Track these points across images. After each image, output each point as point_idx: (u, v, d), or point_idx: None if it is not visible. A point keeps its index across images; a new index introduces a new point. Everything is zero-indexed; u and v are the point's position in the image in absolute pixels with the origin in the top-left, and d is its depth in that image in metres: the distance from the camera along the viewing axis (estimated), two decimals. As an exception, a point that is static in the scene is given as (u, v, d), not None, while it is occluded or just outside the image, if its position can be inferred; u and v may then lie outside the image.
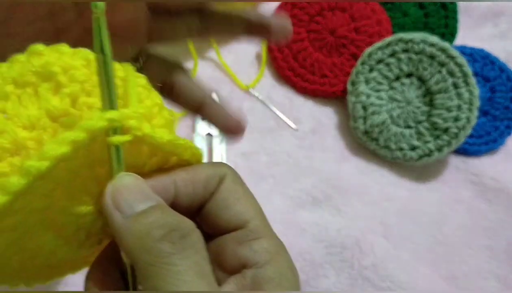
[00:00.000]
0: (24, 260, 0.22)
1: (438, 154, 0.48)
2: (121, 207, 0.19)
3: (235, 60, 0.55)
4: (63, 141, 0.18)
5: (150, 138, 0.20)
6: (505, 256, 0.47)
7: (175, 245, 0.19)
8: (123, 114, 0.19)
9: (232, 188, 0.23)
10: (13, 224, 0.19)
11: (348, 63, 0.52)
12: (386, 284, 0.45)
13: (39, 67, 0.20)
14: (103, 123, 0.19)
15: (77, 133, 0.18)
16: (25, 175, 0.18)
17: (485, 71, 0.52)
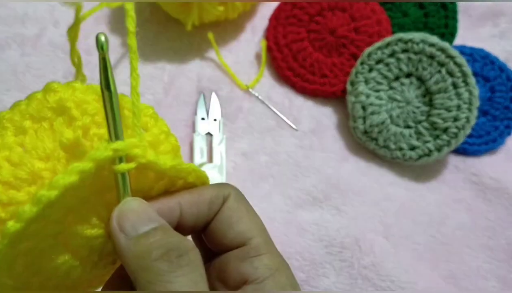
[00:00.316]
0: (43, 281, 0.24)
1: (438, 154, 0.48)
2: (125, 229, 0.21)
3: (235, 60, 0.55)
4: (71, 171, 0.20)
5: (154, 165, 0.22)
6: (505, 255, 0.47)
7: (172, 263, 0.20)
8: (127, 144, 0.21)
9: (235, 207, 0.25)
10: (28, 248, 0.21)
11: (348, 63, 0.52)
12: (385, 283, 0.45)
13: (54, 103, 0.23)
14: (108, 154, 0.20)
15: (84, 163, 0.20)
16: (36, 203, 0.19)
17: (484, 71, 0.52)
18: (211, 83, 0.53)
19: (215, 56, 0.55)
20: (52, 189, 0.19)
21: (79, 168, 0.20)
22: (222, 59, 0.54)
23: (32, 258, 0.22)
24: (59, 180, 0.19)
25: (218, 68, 0.55)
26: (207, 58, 0.55)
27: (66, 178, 0.19)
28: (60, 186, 0.19)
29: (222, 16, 0.53)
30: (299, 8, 0.53)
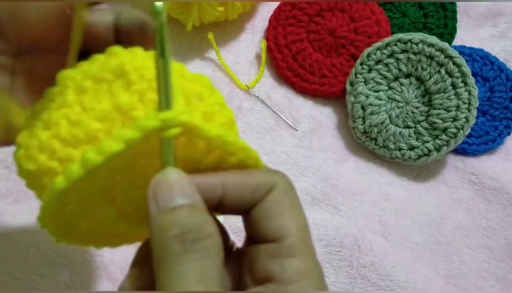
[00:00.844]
0: (91, 226, 0.24)
1: (437, 154, 0.48)
2: (157, 200, 0.21)
3: (235, 60, 0.55)
4: (119, 139, 0.20)
5: (199, 131, 0.21)
6: (504, 255, 0.47)
7: (185, 246, 0.19)
8: (176, 114, 0.21)
9: (279, 199, 0.23)
10: (76, 199, 0.22)
11: (347, 63, 0.52)
12: (385, 283, 0.45)
13: (114, 66, 0.23)
14: (156, 123, 0.20)
15: (131, 132, 0.20)
16: (83, 165, 0.20)
17: (484, 71, 0.52)
18: (211, 84, 0.53)
19: (215, 57, 0.55)
20: (99, 154, 0.20)
21: (126, 136, 0.20)
22: (222, 59, 0.54)
23: (79, 207, 0.23)
24: (106, 146, 0.20)
25: (218, 69, 0.55)
26: (207, 59, 0.55)
27: (113, 146, 0.20)
28: (106, 152, 0.20)
29: (222, 17, 0.53)
30: (298, 8, 0.54)
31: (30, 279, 0.44)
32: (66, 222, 0.24)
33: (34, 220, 0.48)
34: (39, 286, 0.44)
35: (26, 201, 0.47)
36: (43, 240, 0.46)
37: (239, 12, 0.54)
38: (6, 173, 0.49)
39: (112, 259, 0.45)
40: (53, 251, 0.46)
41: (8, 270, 0.45)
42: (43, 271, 0.45)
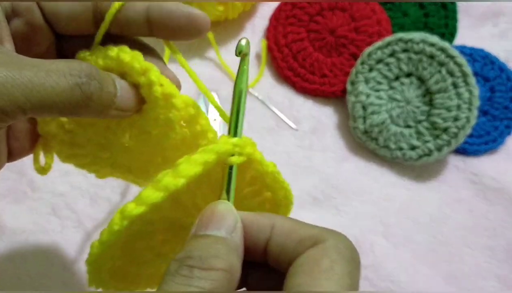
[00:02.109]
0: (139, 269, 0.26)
1: (438, 154, 0.48)
2: (197, 225, 0.22)
3: (235, 60, 0.55)
4: (196, 162, 0.21)
5: (259, 165, 0.23)
6: (505, 255, 0.47)
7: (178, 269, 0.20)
8: (244, 141, 0.23)
9: (318, 256, 0.20)
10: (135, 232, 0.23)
11: (348, 63, 0.52)
12: (385, 283, 0.45)
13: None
14: (228, 147, 0.22)
15: (208, 155, 0.21)
16: (163, 189, 0.21)
17: (484, 71, 0.52)
18: (211, 83, 0.53)
19: (215, 56, 0.55)
20: (179, 177, 0.21)
21: (203, 158, 0.21)
22: (222, 59, 0.54)
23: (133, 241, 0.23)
24: (185, 169, 0.21)
25: (218, 68, 0.55)
26: (207, 58, 0.55)
27: (192, 168, 0.21)
28: (186, 175, 0.21)
29: (222, 16, 0.53)
30: (299, 8, 0.54)
31: (29, 279, 0.44)
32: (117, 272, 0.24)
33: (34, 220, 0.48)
34: (39, 286, 0.44)
35: (26, 201, 0.47)
36: (42, 240, 0.46)
37: (239, 12, 0.54)
38: (5, 173, 0.48)
39: (112, 259, 0.45)
40: (53, 251, 0.45)
41: (8, 270, 0.44)
42: (43, 271, 0.45)
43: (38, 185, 0.48)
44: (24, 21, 0.26)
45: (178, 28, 0.26)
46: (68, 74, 0.22)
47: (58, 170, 0.48)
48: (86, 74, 0.22)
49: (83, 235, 0.46)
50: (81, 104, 0.22)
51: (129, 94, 0.25)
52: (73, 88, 0.22)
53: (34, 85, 0.21)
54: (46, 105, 0.21)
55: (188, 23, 0.25)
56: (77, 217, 0.47)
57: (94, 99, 0.23)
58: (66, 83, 0.22)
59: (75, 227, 0.46)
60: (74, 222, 0.47)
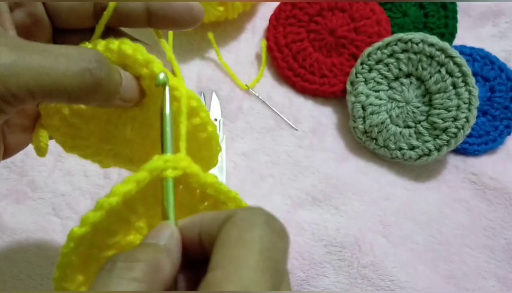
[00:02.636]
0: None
1: (437, 154, 0.48)
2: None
3: (235, 60, 0.55)
4: (129, 181, 0.22)
5: (195, 177, 0.24)
6: (504, 255, 0.47)
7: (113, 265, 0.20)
8: (176, 157, 0.23)
9: (228, 230, 0.20)
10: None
11: (348, 63, 0.52)
12: (385, 283, 0.45)
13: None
14: (159, 163, 0.23)
15: (140, 173, 0.22)
16: (99, 209, 0.22)
17: (484, 71, 0.52)
18: (211, 83, 0.53)
19: (215, 56, 0.55)
20: (113, 196, 0.22)
21: (135, 177, 0.22)
22: (222, 59, 0.54)
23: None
24: (119, 188, 0.22)
25: (218, 68, 0.55)
26: (207, 58, 0.55)
27: (125, 186, 0.22)
28: (120, 193, 0.22)
29: (222, 16, 0.53)
30: (299, 8, 0.54)
31: (30, 279, 0.44)
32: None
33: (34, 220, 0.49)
34: (39, 286, 0.44)
35: (26, 201, 0.47)
36: (43, 240, 0.46)
37: (239, 12, 0.54)
38: (6, 173, 0.49)
39: (112, 259, 0.45)
40: (53, 251, 0.46)
41: (8, 270, 0.44)
42: (43, 271, 0.45)
43: (38, 185, 0.48)
44: (26, 12, 0.26)
45: (177, 18, 0.26)
46: (78, 59, 0.22)
47: (59, 170, 0.49)
48: (96, 59, 0.22)
49: (84, 235, 0.46)
50: (91, 89, 0.22)
51: (132, 85, 0.26)
52: (83, 73, 0.22)
53: (44, 68, 0.21)
54: (55, 90, 0.21)
55: (186, 12, 0.26)
56: (78, 217, 0.47)
57: (104, 85, 0.23)
58: (76, 68, 0.22)
59: (76, 227, 0.47)
60: (75, 222, 0.47)
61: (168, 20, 0.27)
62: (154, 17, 0.26)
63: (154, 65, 0.25)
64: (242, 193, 0.50)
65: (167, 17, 0.26)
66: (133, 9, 0.26)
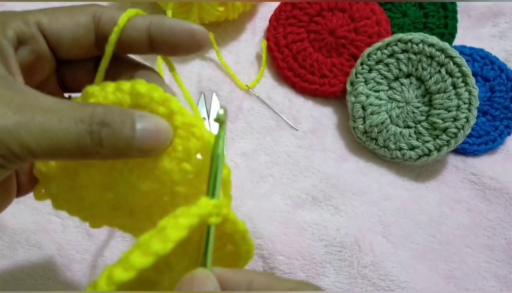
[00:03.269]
0: None
1: (437, 154, 0.48)
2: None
3: (235, 60, 0.55)
4: (181, 226, 0.21)
5: (232, 224, 0.24)
6: (504, 255, 0.47)
7: None
8: (221, 202, 0.23)
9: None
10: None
11: (348, 63, 0.52)
12: (385, 283, 0.45)
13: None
14: (209, 209, 0.23)
15: (192, 218, 0.22)
16: (150, 254, 0.21)
17: (484, 71, 0.52)
18: (212, 84, 0.53)
19: (215, 57, 0.55)
20: (168, 242, 0.21)
21: (188, 222, 0.22)
22: (222, 59, 0.54)
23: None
24: (173, 234, 0.21)
25: (218, 69, 0.55)
26: (208, 59, 0.55)
27: (179, 232, 0.21)
28: (174, 239, 0.21)
29: (222, 17, 0.53)
30: (299, 8, 0.54)
31: (30, 279, 0.44)
32: None
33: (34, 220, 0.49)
34: (39, 286, 0.44)
35: (26, 201, 0.47)
36: (43, 240, 0.46)
37: (240, 12, 0.54)
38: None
39: (112, 259, 0.45)
40: (53, 251, 0.46)
41: (8, 270, 0.45)
42: (43, 271, 0.45)
43: (39, 185, 0.48)
44: (29, 49, 0.26)
45: (179, 44, 0.26)
46: (80, 120, 0.22)
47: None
48: (98, 121, 0.22)
49: (84, 235, 0.46)
50: (91, 150, 0.23)
51: (154, 135, 0.24)
52: (83, 136, 0.22)
53: (45, 131, 0.21)
54: (56, 150, 0.22)
55: (189, 38, 0.26)
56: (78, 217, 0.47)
57: (105, 145, 0.23)
58: (76, 131, 0.22)
59: (76, 227, 0.47)
60: (75, 222, 0.47)
61: (171, 46, 0.26)
62: (156, 43, 0.26)
63: (172, 103, 0.24)
64: (242, 193, 0.50)
65: (170, 44, 0.26)
66: (135, 37, 0.26)
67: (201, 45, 0.26)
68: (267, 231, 0.46)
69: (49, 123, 0.21)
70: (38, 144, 0.21)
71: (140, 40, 0.26)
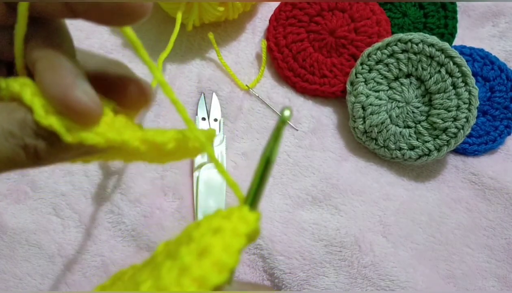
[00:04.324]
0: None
1: (437, 154, 0.48)
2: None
3: (235, 60, 0.55)
4: (234, 252, 0.19)
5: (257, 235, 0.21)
6: (504, 255, 0.47)
7: None
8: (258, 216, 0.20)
9: None
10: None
11: (348, 63, 0.52)
12: (385, 283, 0.45)
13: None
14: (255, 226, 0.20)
15: (240, 239, 0.19)
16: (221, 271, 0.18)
17: (484, 71, 0.52)
18: (212, 84, 0.53)
19: (215, 57, 0.55)
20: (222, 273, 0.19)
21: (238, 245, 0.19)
22: (222, 59, 0.54)
23: None
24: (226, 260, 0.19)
25: (218, 69, 0.55)
26: (208, 59, 0.55)
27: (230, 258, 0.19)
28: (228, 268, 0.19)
29: (222, 17, 0.53)
30: (299, 8, 0.54)
31: (30, 279, 0.44)
32: None
33: (35, 220, 0.49)
34: (39, 286, 0.44)
35: (26, 201, 0.47)
36: (43, 240, 0.46)
37: (240, 12, 0.54)
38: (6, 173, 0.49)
39: (112, 258, 0.45)
40: (53, 251, 0.46)
41: (8, 270, 0.45)
42: (43, 271, 0.45)
43: (39, 184, 0.48)
44: None
45: (99, 9, 0.20)
46: (9, 135, 0.19)
47: (60, 169, 0.49)
48: (30, 134, 0.19)
49: (85, 235, 0.46)
50: (31, 164, 0.20)
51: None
52: (16, 152, 0.19)
53: None
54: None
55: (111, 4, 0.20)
56: (79, 217, 0.47)
57: (44, 157, 0.20)
58: (8, 147, 0.19)
59: (76, 227, 0.47)
60: (75, 222, 0.47)
61: (92, 12, 0.21)
62: (74, 6, 0.21)
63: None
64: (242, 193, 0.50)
65: (89, 8, 0.21)
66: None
67: (128, 14, 0.20)
68: (267, 231, 0.46)
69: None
70: None
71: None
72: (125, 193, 0.48)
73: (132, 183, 0.48)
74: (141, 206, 0.47)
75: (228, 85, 0.54)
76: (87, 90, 0.20)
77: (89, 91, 0.20)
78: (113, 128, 0.21)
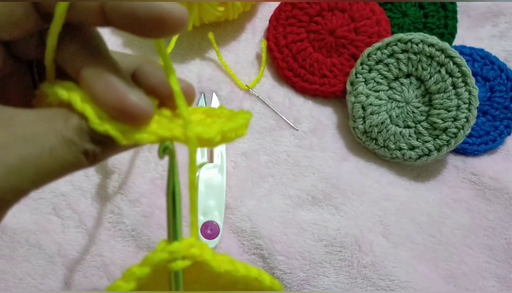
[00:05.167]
0: None
1: (437, 154, 0.48)
2: None
3: (235, 60, 0.55)
4: (129, 278, 0.20)
5: (208, 266, 0.22)
6: (504, 255, 0.47)
7: None
8: (184, 246, 0.21)
9: None
10: None
11: (348, 63, 0.52)
12: (385, 283, 0.45)
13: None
14: (164, 256, 0.21)
15: (141, 269, 0.20)
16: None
17: (484, 71, 0.52)
18: (212, 84, 0.53)
19: (215, 56, 0.55)
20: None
21: (136, 274, 0.20)
22: (222, 59, 0.54)
23: None
24: (121, 286, 0.20)
25: (218, 69, 0.55)
26: (208, 59, 0.55)
27: (124, 285, 0.20)
28: (124, 290, 0.20)
29: (222, 17, 0.53)
30: (299, 8, 0.54)
31: (30, 279, 0.44)
32: None
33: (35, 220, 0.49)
34: (39, 286, 0.44)
35: (26, 201, 0.47)
36: (43, 240, 0.46)
37: (240, 12, 0.54)
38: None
39: (112, 259, 0.45)
40: (53, 251, 0.46)
41: (8, 270, 0.45)
42: (43, 271, 0.45)
43: (39, 185, 0.48)
44: None
45: (136, 18, 0.20)
46: (71, 143, 0.20)
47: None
48: (87, 139, 0.20)
49: (85, 235, 0.46)
50: (89, 166, 0.21)
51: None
52: (79, 158, 0.20)
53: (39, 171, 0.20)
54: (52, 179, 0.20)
55: (147, 14, 0.19)
56: (79, 217, 0.47)
57: (100, 159, 0.21)
58: (71, 155, 0.20)
59: (77, 227, 0.47)
60: (75, 222, 0.47)
61: (127, 21, 0.20)
62: (110, 15, 0.21)
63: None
64: (242, 193, 0.50)
65: (124, 17, 0.20)
66: (85, 6, 0.21)
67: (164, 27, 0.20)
68: (267, 231, 0.46)
69: (39, 158, 0.19)
70: (33, 183, 0.20)
71: (90, 8, 0.21)
72: (125, 193, 0.48)
73: (132, 183, 0.48)
74: (141, 206, 0.47)
75: (228, 85, 0.54)
76: (138, 94, 0.21)
77: (140, 94, 0.21)
78: (162, 125, 0.21)
